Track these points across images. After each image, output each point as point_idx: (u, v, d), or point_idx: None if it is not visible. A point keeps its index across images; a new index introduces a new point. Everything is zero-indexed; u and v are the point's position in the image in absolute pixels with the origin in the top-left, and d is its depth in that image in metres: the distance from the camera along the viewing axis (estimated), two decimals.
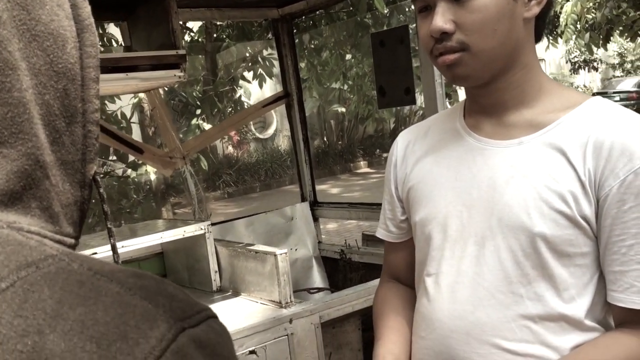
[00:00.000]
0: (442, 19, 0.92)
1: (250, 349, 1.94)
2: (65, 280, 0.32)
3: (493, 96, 1.00)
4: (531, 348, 0.95)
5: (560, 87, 1.04)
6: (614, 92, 18.77)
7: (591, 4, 9.56)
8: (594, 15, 9.74)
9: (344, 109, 14.31)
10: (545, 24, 1.03)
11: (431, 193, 1.06)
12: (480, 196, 0.99)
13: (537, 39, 1.02)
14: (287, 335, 2.03)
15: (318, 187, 3.31)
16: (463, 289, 0.99)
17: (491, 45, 0.93)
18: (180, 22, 2.78)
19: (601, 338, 0.94)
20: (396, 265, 1.21)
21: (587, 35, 9.90)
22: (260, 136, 14.99)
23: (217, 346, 0.34)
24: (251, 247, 2.29)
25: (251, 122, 14.36)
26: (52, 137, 0.39)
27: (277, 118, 14.99)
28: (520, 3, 0.94)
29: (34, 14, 0.39)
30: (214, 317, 0.35)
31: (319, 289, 2.91)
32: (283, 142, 15.11)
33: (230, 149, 14.07)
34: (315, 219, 3.21)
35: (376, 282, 2.26)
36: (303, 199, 3.24)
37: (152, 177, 6.56)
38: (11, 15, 0.37)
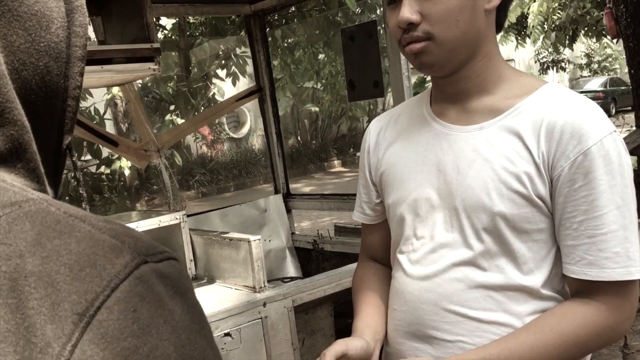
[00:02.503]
0: (409, 10, 0.98)
1: (225, 331, 2.00)
2: (44, 218, 0.37)
3: (456, 85, 1.06)
4: (494, 315, 1.02)
5: (519, 74, 1.11)
6: (582, 92, 19.09)
7: (556, 5, 9.79)
8: (559, 15, 9.98)
9: (317, 109, 14.39)
10: (505, 16, 1.10)
11: (402, 177, 1.12)
12: (445, 179, 1.05)
13: (498, 29, 1.09)
14: (261, 318, 2.09)
15: (292, 185, 3.38)
16: (432, 265, 1.06)
17: (454, 34, 0.99)
18: (154, 18, 2.82)
19: (558, 307, 1.02)
20: (373, 245, 1.28)
21: (554, 35, 10.13)
22: (234, 136, 14.97)
23: (176, 280, 0.39)
24: (225, 235, 2.35)
25: (225, 122, 14.34)
26: (27, 109, 0.44)
27: (250, 117, 15.00)
28: None
29: None
30: (174, 259, 0.41)
31: (292, 278, 2.98)
32: (257, 142, 15.11)
33: (204, 148, 14.03)
34: (289, 211, 3.28)
35: (347, 267, 2.35)
36: (276, 191, 3.31)
37: (127, 172, 6.54)
38: None
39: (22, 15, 0.42)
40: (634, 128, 6.06)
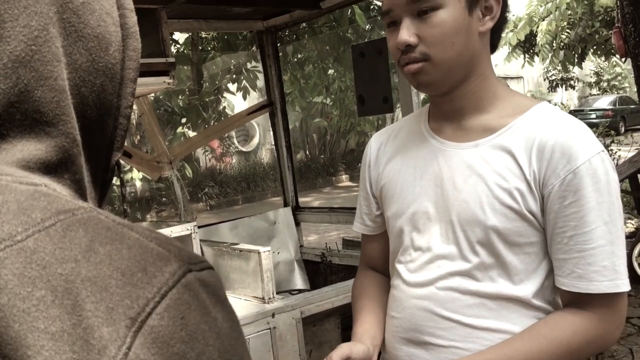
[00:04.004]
0: (406, 33, 1.04)
1: None
2: (96, 225, 0.39)
3: (453, 103, 1.11)
4: (487, 322, 1.07)
5: (512, 94, 1.14)
6: (591, 110, 19.16)
7: (565, 23, 9.84)
8: (568, 34, 10.03)
9: (326, 123, 14.46)
10: (499, 38, 1.15)
11: (401, 190, 1.17)
12: (442, 193, 1.10)
13: (492, 50, 1.14)
14: (269, 329, 2.12)
15: (300, 199, 3.42)
16: (429, 274, 1.11)
17: (450, 55, 1.04)
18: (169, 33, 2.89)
19: (551, 316, 1.07)
20: (372, 255, 1.33)
21: (562, 53, 10.17)
22: (243, 149, 15.05)
23: (217, 289, 0.40)
24: (235, 246, 2.39)
25: (234, 135, 14.43)
26: (82, 124, 0.47)
27: (259, 131, 15.08)
28: (475, 18, 1.05)
29: (83, 18, 0.45)
30: (213, 268, 0.43)
31: (300, 291, 3.00)
32: (266, 155, 15.18)
33: (213, 161, 14.11)
34: (297, 224, 3.31)
35: None
36: (285, 204, 3.35)
37: (138, 184, 6.60)
38: (61, 17, 0.44)
39: (85, 36, 0.45)
40: None
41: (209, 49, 7.96)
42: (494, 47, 1.13)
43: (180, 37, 8.02)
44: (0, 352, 0.34)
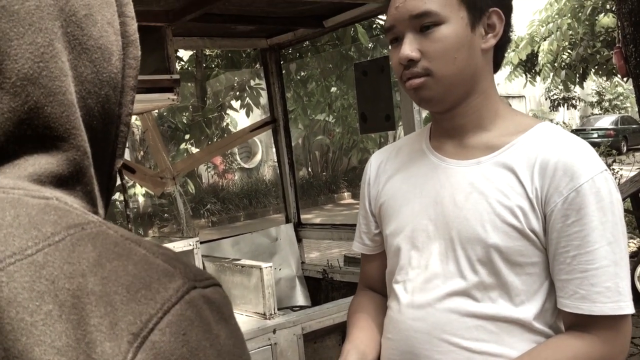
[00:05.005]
0: (409, 48, 1.03)
1: None
2: (104, 240, 0.39)
3: (454, 120, 1.10)
4: (486, 346, 1.04)
5: (514, 113, 1.13)
6: (592, 129, 19.20)
7: (567, 43, 9.90)
8: (569, 54, 10.09)
9: (328, 141, 14.51)
10: (503, 56, 1.15)
11: (400, 208, 1.15)
12: (442, 211, 1.08)
13: (496, 69, 1.14)
14: (270, 345, 2.12)
15: (302, 216, 3.43)
16: (426, 294, 1.08)
17: (452, 71, 1.03)
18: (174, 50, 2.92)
19: (552, 339, 1.04)
20: (371, 275, 1.30)
21: (564, 73, 10.23)
22: (246, 166, 15.08)
23: (221, 306, 0.41)
24: (237, 262, 2.40)
25: (237, 152, 14.48)
26: (89, 135, 0.47)
27: (262, 148, 15.13)
28: (477, 35, 1.05)
29: (87, 31, 0.45)
30: (219, 285, 0.44)
31: (302, 307, 3.00)
32: (268, 172, 15.21)
33: (216, 177, 14.14)
34: (299, 240, 3.32)
35: None
36: (287, 221, 3.36)
37: (140, 200, 6.62)
38: (65, 31, 0.44)
39: (89, 48, 0.46)
40: None
41: (213, 66, 8.03)
42: (497, 66, 1.13)
43: (184, 54, 8.09)
44: None
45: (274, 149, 3.40)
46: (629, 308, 1.00)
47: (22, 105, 0.42)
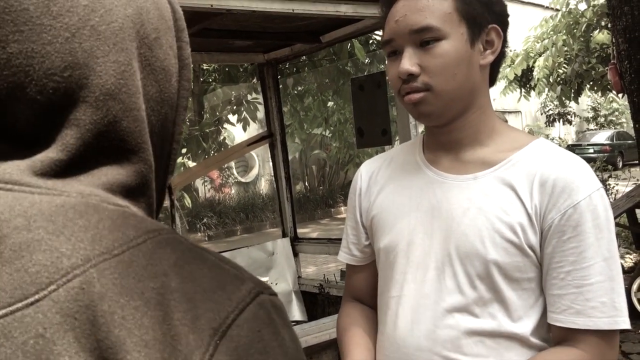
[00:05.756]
0: (409, 62, 1.03)
1: None
2: (179, 245, 0.43)
3: (451, 134, 1.10)
4: None
5: (509, 129, 1.14)
6: (588, 145, 19.28)
7: (562, 59, 9.98)
8: (565, 69, 10.17)
9: (325, 155, 14.53)
10: (497, 72, 1.15)
11: (394, 221, 1.13)
12: (439, 225, 1.07)
13: (491, 84, 1.15)
14: None
15: (299, 230, 3.43)
16: (425, 310, 1.07)
17: (452, 86, 1.04)
18: None
19: (544, 353, 1.05)
20: (358, 286, 1.28)
21: (559, 88, 10.29)
22: (242, 180, 15.08)
23: (284, 312, 0.44)
24: None
25: (234, 166, 14.48)
26: (152, 150, 0.51)
27: (259, 162, 15.14)
28: (476, 51, 1.05)
29: (155, 52, 0.49)
30: (277, 295, 0.47)
31: (298, 322, 2.99)
32: (265, 186, 15.21)
33: (212, 191, 14.12)
34: (296, 255, 3.31)
35: None
36: (284, 235, 3.35)
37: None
38: (139, 52, 0.48)
39: (156, 69, 0.49)
40: None
41: (210, 80, 8.07)
42: (492, 81, 1.14)
43: None
44: (100, 355, 0.37)
45: (270, 163, 3.40)
46: (624, 323, 1.00)
47: (103, 118, 0.45)
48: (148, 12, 0.49)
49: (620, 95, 5.35)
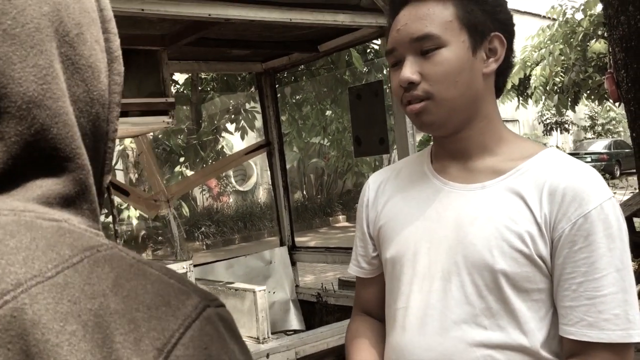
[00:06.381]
0: (409, 70, 1.02)
1: None
2: (119, 262, 0.40)
3: (458, 143, 1.09)
4: None
5: (518, 138, 1.12)
6: (586, 153, 19.31)
7: (559, 68, 10.02)
8: (562, 78, 10.20)
9: (323, 163, 14.54)
10: (505, 82, 1.13)
11: (401, 231, 1.12)
12: (446, 235, 1.05)
13: (498, 93, 1.13)
14: None
15: (297, 239, 3.42)
16: (432, 321, 1.05)
17: (453, 95, 1.02)
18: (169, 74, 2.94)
19: None
20: (367, 299, 1.27)
21: (556, 97, 10.33)
22: (240, 188, 15.07)
23: (232, 324, 0.42)
24: (231, 285, 2.38)
25: (232, 175, 14.48)
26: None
27: (257, 171, 15.14)
28: (479, 59, 1.04)
29: (78, 50, 0.46)
30: (225, 306, 0.45)
31: (296, 331, 2.98)
32: (263, 195, 15.20)
33: (210, 200, 14.11)
34: (293, 263, 3.31)
35: None
36: (282, 244, 3.35)
37: (134, 222, 6.59)
38: (60, 51, 0.44)
39: (81, 68, 0.46)
40: (638, 190, 6.10)
41: (209, 89, 8.08)
42: (498, 91, 1.12)
43: (180, 77, 8.14)
44: None
45: (269, 172, 3.40)
46: (638, 336, 0.97)
47: (29, 128, 0.42)
48: (67, 7, 0.46)
49: (617, 104, 5.37)
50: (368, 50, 7.99)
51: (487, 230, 1.02)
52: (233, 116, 8.41)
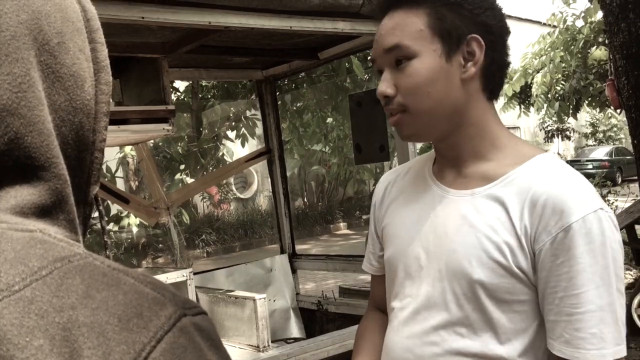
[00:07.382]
0: (385, 84, 1.02)
1: None
2: (92, 272, 0.39)
3: (450, 150, 1.08)
4: None
5: (516, 141, 1.09)
6: (587, 160, 19.31)
7: (560, 75, 10.03)
8: (563, 86, 10.21)
9: (324, 171, 14.54)
10: (497, 83, 1.09)
11: (399, 233, 1.14)
12: (434, 241, 1.06)
13: (492, 96, 1.09)
14: None
15: (297, 247, 3.42)
16: (414, 325, 1.07)
17: (428, 105, 1.01)
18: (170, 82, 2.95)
19: None
20: (379, 295, 1.29)
21: (557, 104, 10.33)
22: (241, 196, 15.06)
23: (211, 333, 0.41)
24: (231, 293, 2.37)
25: (232, 182, 14.48)
26: (65, 163, 0.47)
27: (258, 178, 15.14)
28: (455, 66, 1.01)
29: (60, 59, 0.46)
30: (206, 313, 0.44)
31: (296, 339, 2.96)
32: (263, 202, 15.19)
33: (211, 208, 14.10)
34: (294, 271, 3.29)
35: (352, 329, 2.35)
36: (282, 251, 3.33)
37: (134, 230, 6.59)
38: (39, 60, 0.44)
39: (62, 76, 0.46)
40: (639, 197, 6.09)
41: (209, 97, 8.09)
42: (492, 93, 1.08)
43: (180, 85, 8.15)
44: None
45: (269, 179, 3.40)
46: (610, 356, 0.95)
47: (2, 136, 0.41)
48: (48, 16, 0.45)
49: (618, 111, 5.36)
50: (368, 58, 8.00)
51: (468, 239, 1.01)
52: (233, 123, 8.41)
